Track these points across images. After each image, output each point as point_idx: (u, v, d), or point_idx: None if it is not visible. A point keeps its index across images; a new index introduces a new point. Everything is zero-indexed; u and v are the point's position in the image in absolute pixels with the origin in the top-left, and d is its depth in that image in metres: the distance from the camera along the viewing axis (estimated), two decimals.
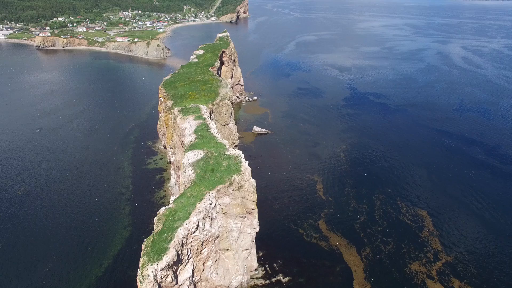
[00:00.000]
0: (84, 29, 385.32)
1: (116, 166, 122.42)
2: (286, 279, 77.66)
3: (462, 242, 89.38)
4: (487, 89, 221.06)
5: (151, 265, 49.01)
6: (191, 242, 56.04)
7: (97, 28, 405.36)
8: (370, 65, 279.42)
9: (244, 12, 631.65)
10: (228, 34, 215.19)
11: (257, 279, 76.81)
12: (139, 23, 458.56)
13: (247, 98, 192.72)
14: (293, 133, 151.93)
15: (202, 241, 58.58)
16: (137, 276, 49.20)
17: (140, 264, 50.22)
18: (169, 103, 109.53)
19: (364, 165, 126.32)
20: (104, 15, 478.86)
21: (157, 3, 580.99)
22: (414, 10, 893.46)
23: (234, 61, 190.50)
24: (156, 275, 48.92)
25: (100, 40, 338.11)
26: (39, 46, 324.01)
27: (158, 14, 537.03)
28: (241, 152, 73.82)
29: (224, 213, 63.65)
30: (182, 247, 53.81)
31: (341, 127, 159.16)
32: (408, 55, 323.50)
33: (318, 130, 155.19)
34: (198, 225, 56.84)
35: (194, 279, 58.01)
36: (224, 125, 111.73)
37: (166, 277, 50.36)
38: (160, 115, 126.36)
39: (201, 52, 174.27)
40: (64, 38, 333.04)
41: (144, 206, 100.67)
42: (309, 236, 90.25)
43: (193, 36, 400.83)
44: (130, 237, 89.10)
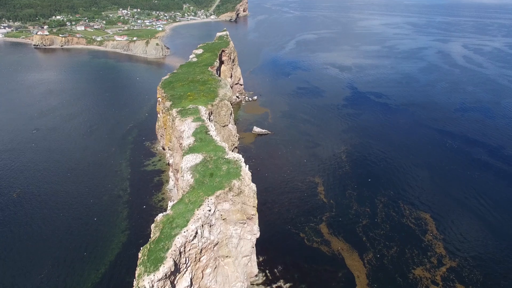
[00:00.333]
0: (83, 28, 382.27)
1: (114, 168, 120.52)
2: (287, 285, 75.90)
3: (467, 246, 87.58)
4: (489, 89, 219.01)
5: (148, 276, 47.12)
6: (189, 250, 54.17)
7: (96, 27, 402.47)
8: (371, 64, 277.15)
9: (244, 11, 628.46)
10: (228, 33, 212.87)
11: (258, 286, 75.10)
12: (138, 22, 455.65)
13: (247, 98, 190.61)
14: (294, 134, 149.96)
15: (201, 249, 56.72)
16: (133, 287, 47.41)
17: (136, 274, 48.36)
18: (168, 104, 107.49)
19: (366, 167, 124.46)
20: (103, 14, 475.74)
21: (156, 2, 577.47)
22: (414, 9, 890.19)
23: (234, 60, 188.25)
24: (153, 286, 47.06)
25: (99, 39, 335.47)
26: (37, 45, 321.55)
27: (157, 13, 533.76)
28: (241, 156, 71.81)
29: (224, 220, 61.76)
30: (180, 256, 51.94)
31: (342, 127, 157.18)
32: (409, 54, 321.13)
33: (319, 131, 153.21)
34: (197, 233, 54.94)
35: None
36: (224, 126, 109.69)
37: None
38: (159, 116, 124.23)
39: (200, 52, 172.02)
40: (62, 37, 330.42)
41: (143, 209, 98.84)
42: (311, 240, 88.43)
43: (193, 35, 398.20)
44: (128, 242, 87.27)
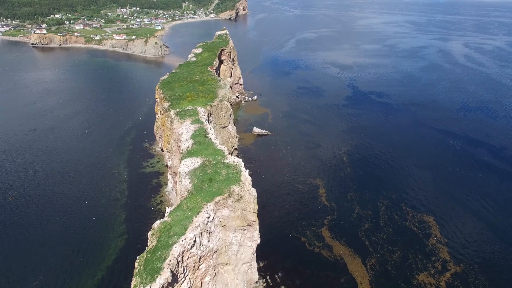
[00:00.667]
0: (81, 26, 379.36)
1: (112, 170, 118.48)
2: None
3: (471, 251, 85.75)
4: (491, 88, 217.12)
5: (144, 287, 45.33)
6: (188, 259, 52.34)
7: (95, 26, 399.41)
8: (371, 63, 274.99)
9: (244, 9, 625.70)
10: (227, 32, 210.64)
11: None
12: (137, 20, 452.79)
13: (247, 98, 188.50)
14: (294, 134, 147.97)
15: (200, 257, 54.90)
16: None
17: (132, 286, 46.57)
18: (166, 105, 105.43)
19: (367, 168, 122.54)
20: (102, 12, 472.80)
21: (156, 0, 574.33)
22: (415, 7, 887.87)
23: (233, 60, 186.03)
24: None
25: (97, 38, 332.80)
26: (35, 44, 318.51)
27: (157, 11, 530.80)
28: (241, 160, 69.87)
29: (223, 226, 59.92)
30: (178, 266, 50.11)
31: (343, 128, 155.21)
32: (410, 53, 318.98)
33: (320, 131, 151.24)
34: (195, 241, 53.09)
35: None
36: (223, 128, 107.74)
37: None
38: (157, 117, 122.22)
39: (200, 51, 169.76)
40: (61, 36, 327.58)
41: (140, 213, 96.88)
42: (312, 245, 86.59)
43: (192, 34, 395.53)
44: (125, 246, 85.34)
